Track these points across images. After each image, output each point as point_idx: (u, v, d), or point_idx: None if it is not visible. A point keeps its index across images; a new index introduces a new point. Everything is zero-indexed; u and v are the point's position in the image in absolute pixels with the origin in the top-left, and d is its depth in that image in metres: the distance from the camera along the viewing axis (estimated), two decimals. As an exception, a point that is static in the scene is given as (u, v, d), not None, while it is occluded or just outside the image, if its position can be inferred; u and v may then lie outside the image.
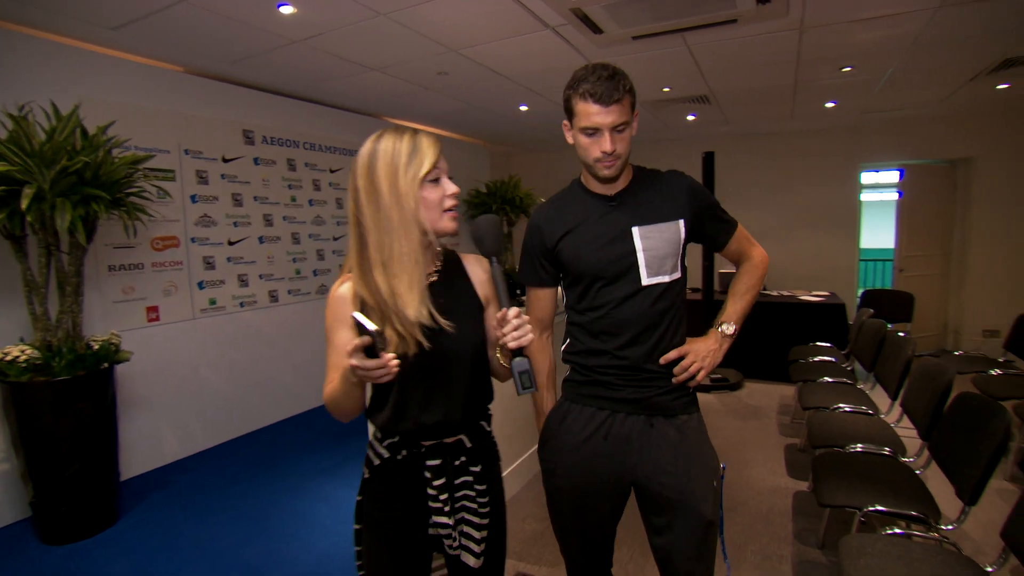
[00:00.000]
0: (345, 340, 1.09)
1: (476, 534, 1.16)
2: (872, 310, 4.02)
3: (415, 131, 1.10)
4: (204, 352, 3.57)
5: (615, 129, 1.23)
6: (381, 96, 4.35)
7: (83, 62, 2.96)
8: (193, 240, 3.50)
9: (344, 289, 1.11)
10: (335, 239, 4.69)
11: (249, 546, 2.39)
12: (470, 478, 1.17)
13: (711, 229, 1.40)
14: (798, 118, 5.35)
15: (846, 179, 5.87)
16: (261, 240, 3.98)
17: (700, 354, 1.32)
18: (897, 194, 5.76)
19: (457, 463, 1.16)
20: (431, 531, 1.16)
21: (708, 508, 1.29)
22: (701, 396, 5.00)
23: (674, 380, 1.32)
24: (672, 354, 1.31)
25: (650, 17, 2.73)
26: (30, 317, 2.49)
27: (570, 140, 1.33)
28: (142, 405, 3.22)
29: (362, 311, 1.06)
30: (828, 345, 4.32)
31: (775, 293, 5.41)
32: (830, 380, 3.38)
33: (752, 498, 2.91)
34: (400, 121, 5.43)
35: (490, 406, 1.25)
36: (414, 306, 1.05)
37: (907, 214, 5.69)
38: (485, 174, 6.82)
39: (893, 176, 5.97)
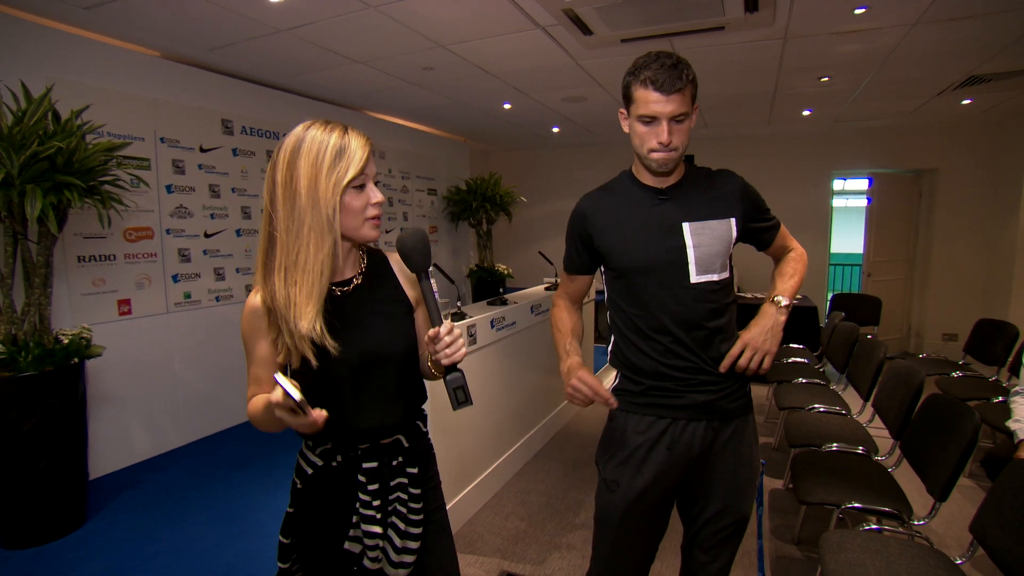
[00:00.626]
0: (264, 353, 1.05)
1: (399, 542, 1.09)
2: (844, 313, 4.16)
3: (346, 128, 1.02)
4: (178, 347, 3.46)
5: (674, 119, 1.20)
6: (364, 89, 4.29)
7: (54, 42, 2.82)
8: (168, 232, 3.39)
9: (258, 299, 1.03)
10: (314, 233, 4.59)
11: (228, 548, 2.32)
12: (405, 480, 1.11)
13: (760, 229, 1.40)
14: (775, 124, 5.49)
15: (818, 185, 6.06)
16: (239, 233, 3.88)
17: (757, 341, 1.26)
18: (866, 201, 5.97)
19: (394, 463, 1.11)
20: (348, 544, 1.09)
21: (748, 506, 1.34)
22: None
23: (740, 370, 1.27)
24: (727, 361, 1.26)
25: (640, 21, 2.76)
26: (-6, 309, 2.37)
27: (626, 129, 1.30)
28: (112, 401, 3.10)
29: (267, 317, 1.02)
30: (801, 347, 4.45)
31: (749, 295, 5.55)
32: (804, 381, 3.48)
33: (730, 495, 2.98)
34: (382, 116, 5.35)
35: (424, 407, 1.20)
36: (308, 319, 0.97)
37: (875, 220, 5.90)
38: (465, 171, 6.79)
39: (862, 184, 6.18)
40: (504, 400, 3.17)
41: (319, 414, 0.91)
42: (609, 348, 1.44)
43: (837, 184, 6.44)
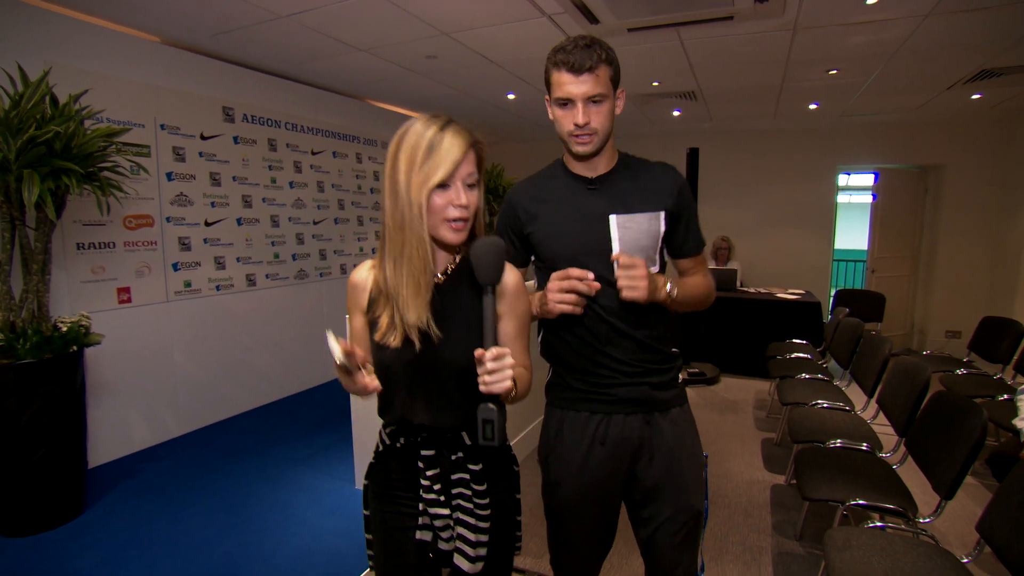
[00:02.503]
0: (358, 326, 1.12)
1: (471, 536, 1.10)
2: (848, 309, 4.13)
3: (446, 123, 1.03)
4: (178, 336, 3.44)
5: (590, 100, 1.17)
6: (367, 78, 4.24)
7: (53, 26, 2.78)
8: (168, 220, 3.36)
9: (358, 275, 1.11)
10: (315, 223, 4.57)
11: (225, 538, 2.31)
12: (466, 476, 1.11)
13: (682, 236, 1.33)
14: (781, 118, 5.43)
15: (823, 180, 6.01)
16: (239, 222, 3.85)
17: (643, 271, 1.16)
18: (872, 196, 5.92)
19: (454, 457, 1.11)
20: (419, 533, 1.11)
21: (697, 499, 1.31)
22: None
23: (617, 271, 1.17)
24: (624, 258, 1.17)
25: (648, 10, 2.72)
26: (-8, 296, 2.34)
27: (551, 115, 1.26)
28: (111, 390, 3.08)
29: (373, 298, 1.07)
30: (804, 342, 4.43)
31: (752, 290, 5.51)
32: (807, 376, 3.46)
33: (732, 491, 2.97)
34: (384, 105, 5.31)
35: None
36: (415, 311, 1.03)
37: (880, 216, 5.86)
38: (468, 163, 6.74)
39: (868, 179, 6.13)
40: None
41: (369, 380, 0.96)
42: (539, 341, 1.39)
43: (842, 180, 6.39)
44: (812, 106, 4.85)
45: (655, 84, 4.29)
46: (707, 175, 6.32)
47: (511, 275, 1.11)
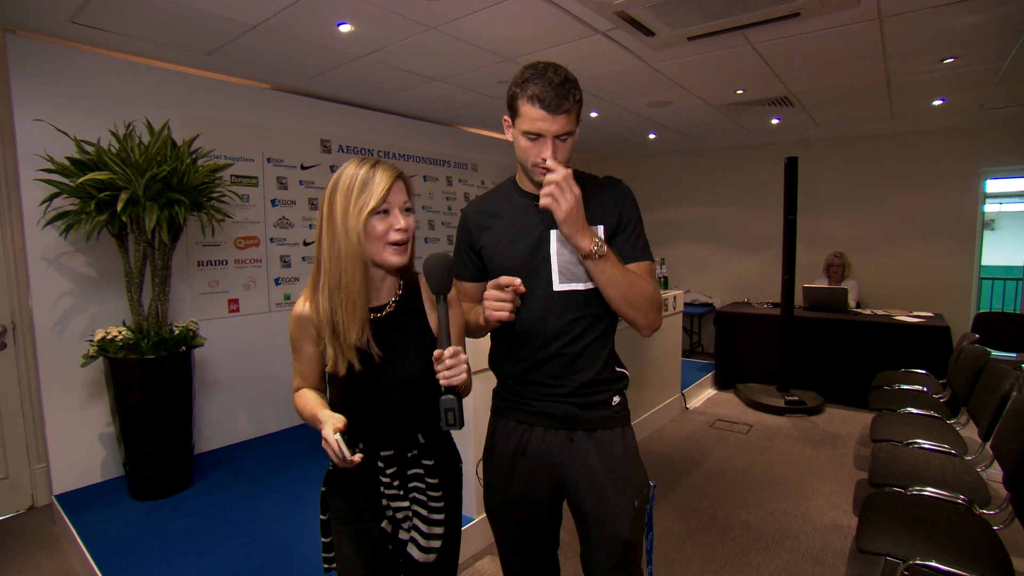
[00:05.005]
0: (309, 353, 1.22)
1: (424, 528, 1.20)
2: (978, 335, 3.50)
3: (376, 162, 1.14)
4: (277, 343, 3.91)
5: (559, 137, 1.18)
6: (448, 105, 4.52)
7: (181, 83, 3.38)
8: (272, 240, 3.86)
9: (301, 308, 1.20)
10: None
11: (284, 524, 2.58)
12: (421, 471, 1.22)
13: (620, 246, 1.27)
14: (901, 118, 4.79)
15: (963, 186, 5.15)
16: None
17: (570, 195, 1.13)
18: (1030, 203, 4.96)
19: (410, 455, 1.22)
20: (385, 523, 1.22)
21: (625, 528, 1.25)
22: (772, 418, 4.65)
23: (549, 177, 1.15)
24: (553, 165, 1.16)
25: (700, 16, 2.61)
26: (128, 304, 2.88)
27: (509, 137, 1.28)
28: (221, 387, 3.59)
29: (316, 330, 1.18)
30: (924, 372, 3.82)
31: (867, 312, 4.88)
32: (915, 411, 2.99)
33: (805, 533, 2.66)
34: (473, 129, 5.59)
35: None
36: (355, 333, 1.13)
37: (1042, 226, 4.88)
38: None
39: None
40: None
41: (356, 458, 1.09)
42: (489, 353, 1.45)
43: (1003, 185, 5.44)
44: (937, 102, 4.21)
45: (739, 92, 4.04)
46: (816, 186, 5.77)
47: (452, 293, 1.22)
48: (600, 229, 1.26)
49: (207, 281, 3.51)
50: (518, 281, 1.20)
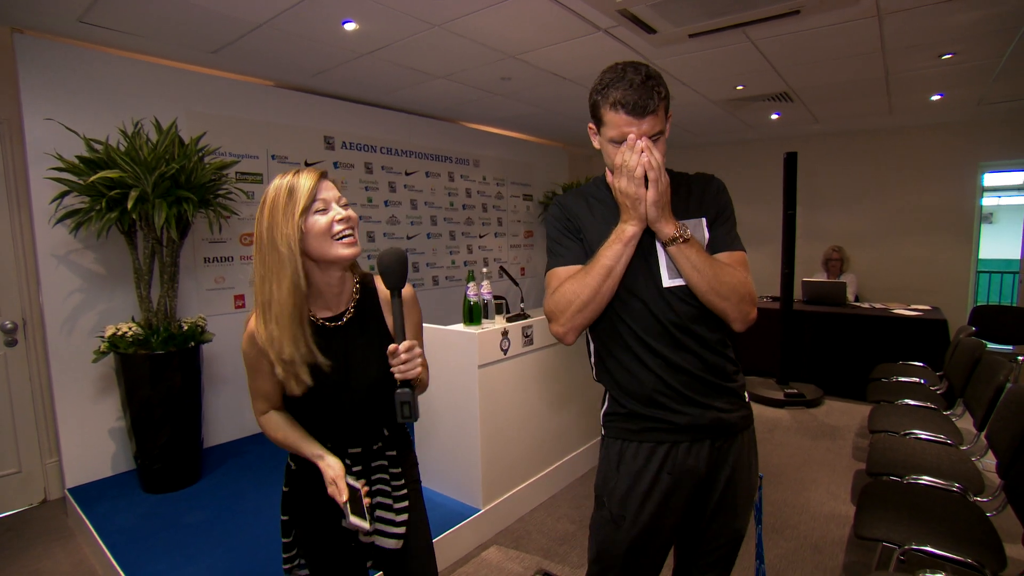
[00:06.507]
0: (267, 370, 1.15)
1: (390, 516, 1.23)
2: (975, 328, 3.55)
3: (298, 170, 1.13)
4: (283, 338, 3.94)
5: (650, 138, 1.12)
6: (451, 102, 4.55)
7: (187, 81, 3.41)
8: (277, 237, 3.89)
9: (253, 333, 1.15)
10: (408, 238, 4.97)
11: (296, 514, 2.64)
12: (385, 462, 1.25)
13: (715, 237, 1.25)
14: (899, 113, 4.82)
15: (961, 180, 5.20)
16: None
17: (663, 170, 1.13)
18: (1027, 197, 5.01)
19: (375, 447, 1.24)
20: (345, 523, 1.17)
21: (743, 523, 1.27)
22: (771, 410, 4.70)
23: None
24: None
25: (701, 14, 2.64)
26: (137, 300, 2.92)
27: (596, 145, 1.23)
28: (228, 382, 3.64)
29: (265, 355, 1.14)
30: (921, 365, 3.88)
31: (866, 305, 4.93)
32: (912, 403, 3.05)
33: (804, 523, 2.71)
34: (476, 126, 5.61)
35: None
36: (288, 347, 1.09)
37: (1039, 220, 4.93)
38: (564, 176, 6.85)
39: (1021, 177, 5.19)
40: (570, 401, 3.18)
41: (355, 522, 1.12)
42: (592, 362, 1.35)
43: (1000, 179, 5.48)
44: (935, 97, 4.25)
45: (739, 88, 4.07)
46: (816, 180, 5.81)
47: (408, 288, 1.23)
48: (703, 222, 1.24)
49: (213, 277, 3.55)
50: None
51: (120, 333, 2.80)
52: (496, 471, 2.71)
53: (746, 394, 1.32)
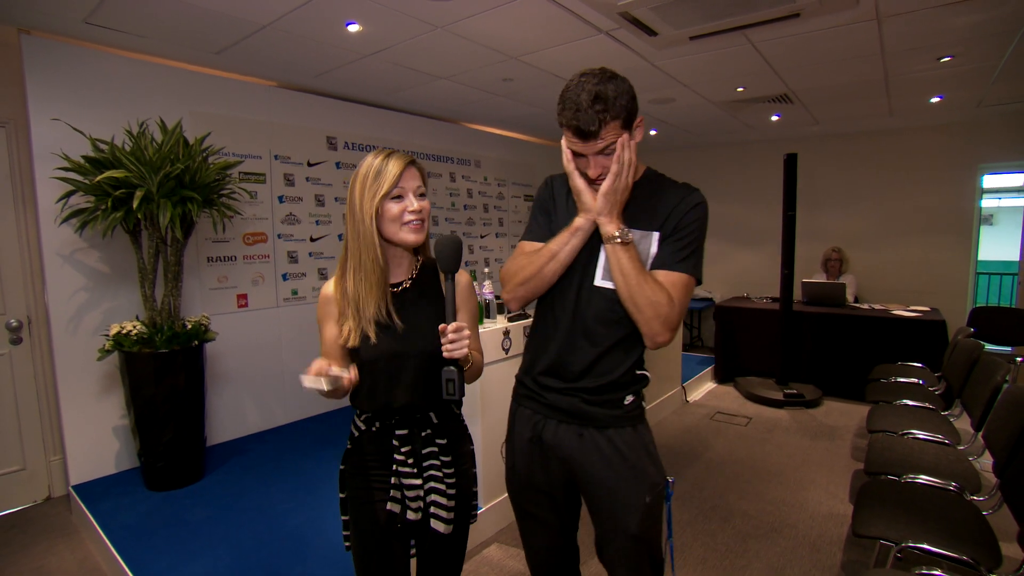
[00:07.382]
0: (330, 334, 1.31)
1: (443, 501, 1.28)
2: (973, 329, 3.57)
3: (390, 153, 1.25)
4: (285, 337, 3.97)
5: (601, 153, 1.19)
6: (453, 103, 4.57)
7: (191, 82, 3.43)
8: (279, 236, 3.92)
9: (327, 291, 1.33)
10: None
11: (297, 513, 2.65)
12: (435, 449, 1.30)
13: (662, 253, 1.25)
14: (899, 115, 4.85)
15: (960, 182, 5.21)
16: (340, 237, 4.35)
17: (629, 172, 1.19)
18: (1026, 199, 5.03)
19: (424, 434, 1.29)
20: (390, 504, 1.28)
21: (634, 522, 1.27)
22: (771, 410, 4.71)
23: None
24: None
25: (702, 17, 2.66)
26: (141, 299, 2.94)
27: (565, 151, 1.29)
28: (231, 381, 3.66)
29: (341, 309, 1.29)
30: (920, 366, 3.90)
31: (865, 306, 4.95)
32: (910, 403, 3.07)
33: (803, 522, 2.74)
34: (477, 126, 5.63)
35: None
36: (373, 305, 1.25)
37: (1038, 222, 4.95)
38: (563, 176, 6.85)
39: (1020, 179, 5.21)
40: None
41: (349, 377, 1.21)
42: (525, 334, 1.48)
43: (1000, 181, 5.50)
44: (935, 99, 4.27)
45: (739, 89, 4.09)
46: (815, 182, 5.83)
47: (464, 277, 1.32)
48: (655, 237, 1.25)
49: (217, 277, 3.57)
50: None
51: (124, 332, 2.82)
52: (496, 469, 2.72)
53: (631, 397, 1.32)
